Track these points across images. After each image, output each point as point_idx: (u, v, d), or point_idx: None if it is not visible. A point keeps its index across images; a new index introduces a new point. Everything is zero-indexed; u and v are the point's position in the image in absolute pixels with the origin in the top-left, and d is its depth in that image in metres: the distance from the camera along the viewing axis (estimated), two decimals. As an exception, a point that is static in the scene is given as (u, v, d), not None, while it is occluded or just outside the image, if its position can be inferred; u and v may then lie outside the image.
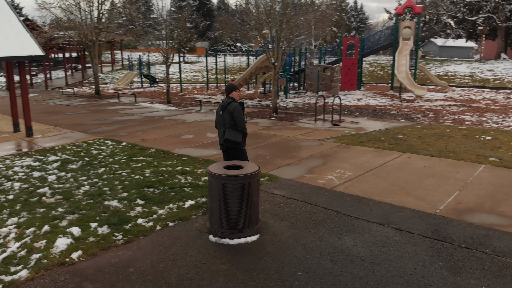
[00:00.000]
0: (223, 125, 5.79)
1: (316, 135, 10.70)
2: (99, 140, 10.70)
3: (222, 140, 5.81)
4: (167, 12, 53.28)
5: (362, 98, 19.70)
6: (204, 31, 76.14)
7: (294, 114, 14.91)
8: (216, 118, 5.95)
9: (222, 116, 5.76)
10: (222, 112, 5.77)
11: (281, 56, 14.05)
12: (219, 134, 5.93)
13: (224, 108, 5.73)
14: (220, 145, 5.95)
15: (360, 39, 22.93)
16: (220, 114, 5.79)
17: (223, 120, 5.76)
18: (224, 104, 5.75)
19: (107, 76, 37.45)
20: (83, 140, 10.73)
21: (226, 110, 5.72)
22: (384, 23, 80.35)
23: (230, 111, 5.67)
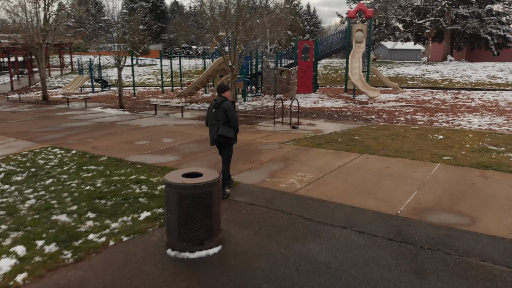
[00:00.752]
0: (216, 122, 6.09)
1: (276, 138, 10.61)
2: (47, 148, 10.01)
3: (216, 136, 6.09)
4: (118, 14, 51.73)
5: (318, 101, 19.94)
6: (158, 34, 74.66)
7: (253, 117, 14.78)
8: (208, 116, 6.28)
9: (215, 113, 6.08)
10: (214, 109, 6.08)
11: (238, 59, 13.88)
12: (211, 131, 6.22)
13: (217, 106, 6.04)
14: (213, 140, 6.22)
15: (314, 42, 23.25)
16: (213, 112, 6.10)
17: (216, 117, 6.08)
18: (217, 102, 6.06)
19: (55, 81, 35.70)
20: (30, 149, 10.00)
21: (219, 108, 6.04)
22: (336, 27, 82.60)
23: (224, 109, 6.01)
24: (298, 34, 47.48)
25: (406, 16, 45.42)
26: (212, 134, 6.20)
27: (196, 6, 44.22)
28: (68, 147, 10.18)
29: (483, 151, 8.84)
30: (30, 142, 11.01)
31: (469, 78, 27.20)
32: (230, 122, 6.07)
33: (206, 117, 6.39)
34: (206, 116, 6.41)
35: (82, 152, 9.49)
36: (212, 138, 6.19)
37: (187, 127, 12.80)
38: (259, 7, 18.50)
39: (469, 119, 13.70)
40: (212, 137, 6.18)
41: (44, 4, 19.55)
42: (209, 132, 6.30)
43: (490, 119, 13.68)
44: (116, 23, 18.98)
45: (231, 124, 6.08)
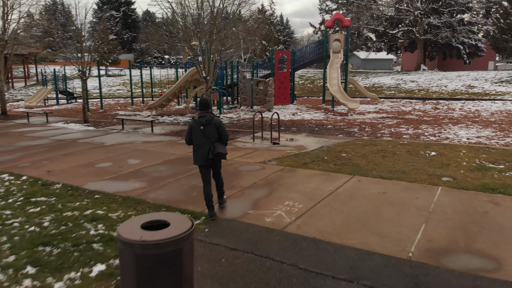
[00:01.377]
0: (207, 140, 5.77)
1: (256, 157, 9.59)
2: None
3: (211, 155, 5.76)
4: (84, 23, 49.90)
5: (296, 113, 19.12)
6: (129, 43, 72.82)
7: (230, 131, 13.73)
8: (195, 134, 5.81)
9: (204, 131, 5.74)
10: (203, 127, 5.74)
11: (212, 70, 12.86)
12: (201, 149, 5.80)
13: (208, 123, 5.74)
14: (208, 159, 5.83)
15: (291, 52, 22.52)
16: (201, 129, 5.74)
17: (205, 135, 5.76)
18: (208, 119, 5.74)
19: (19, 93, 33.63)
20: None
21: (211, 124, 5.76)
22: (309, 37, 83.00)
23: (217, 125, 5.80)
24: (273, 44, 46.96)
25: (379, 26, 45.63)
26: (202, 153, 5.79)
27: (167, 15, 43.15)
28: (19, 171, 8.85)
29: (482, 170, 8.09)
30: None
31: (446, 88, 27.10)
32: (222, 139, 5.90)
33: (189, 135, 5.88)
34: (187, 133, 5.90)
35: (33, 179, 8.19)
36: (207, 157, 5.79)
37: (157, 144, 11.62)
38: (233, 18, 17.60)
39: (455, 131, 13.11)
40: (207, 157, 5.79)
41: (2, 12, 17.99)
42: (197, 151, 5.84)
43: (477, 131, 13.14)
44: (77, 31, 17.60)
45: (223, 141, 5.92)
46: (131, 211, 6.16)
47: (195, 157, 5.91)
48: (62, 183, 7.76)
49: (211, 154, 5.75)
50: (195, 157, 5.91)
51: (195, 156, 5.90)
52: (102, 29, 47.71)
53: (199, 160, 5.87)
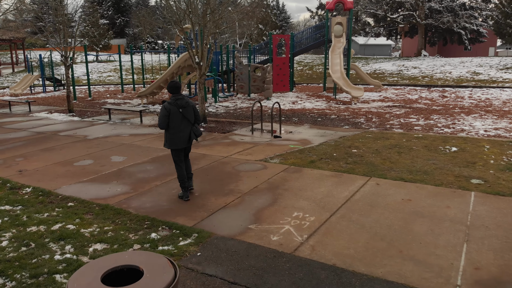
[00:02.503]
0: (188, 123, 5.80)
1: (256, 153, 8.55)
2: (-46, 174, 7.56)
3: (193, 136, 5.88)
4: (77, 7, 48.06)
5: (296, 101, 18.03)
6: (122, 28, 70.86)
7: (227, 122, 12.65)
8: (174, 117, 5.70)
9: (183, 114, 5.71)
10: (182, 109, 5.70)
11: (206, 55, 11.71)
12: (181, 132, 5.77)
13: (186, 105, 5.75)
14: (188, 141, 5.91)
15: (290, 36, 21.30)
16: (180, 112, 5.69)
17: (184, 118, 5.75)
18: (186, 101, 5.77)
19: (5, 80, 32.19)
20: None
21: (188, 106, 5.79)
22: (305, 22, 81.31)
23: (193, 106, 5.87)
24: (270, 28, 45.47)
25: (379, 10, 44.28)
26: (183, 135, 5.80)
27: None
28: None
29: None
30: None
31: (450, 74, 26.05)
32: (197, 120, 5.99)
33: (165, 119, 5.68)
34: (163, 117, 5.67)
35: (2, 180, 7.12)
36: (188, 139, 5.87)
37: (146, 138, 10.53)
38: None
39: (470, 122, 12.11)
40: (188, 138, 5.86)
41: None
42: (176, 134, 5.75)
43: (493, 122, 12.14)
44: (69, 16, 16.31)
45: (198, 122, 6.02)
46: (108, 224, 5.12)
47: (173, 141, 5.77)
48: (33, 187, 6.69)
49: (193, 135, 5.88)
50: (173, 141, 5.78)
51: (174, 140, 5.77)
52: (92, 13, 46.03)
53: (179, 143, 5.80)
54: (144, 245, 4.54)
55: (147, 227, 5.06)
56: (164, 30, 72.22)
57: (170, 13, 15.29)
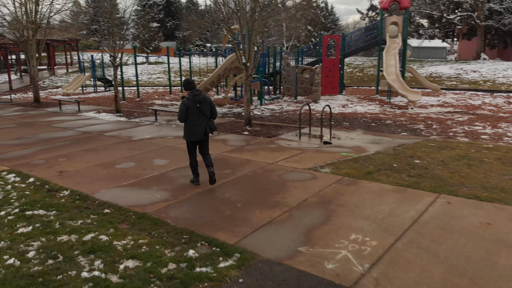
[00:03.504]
0: (204, 117, 6.19)
1: (305, 161, 7.85)
2: (1, 174, 7.47)
3: (208, 130, 6.27)
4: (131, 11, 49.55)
5: (347, 104, 17.09)
6: (172, 31, 72.50)
7: (272, 126, 12.03)
8: (192, 112, 6.12)
9: (200, 109, 6.09)
10: (199, 105, 6.08)
11: (254, 56, 11.17)
12: (197, 126, 6.19)
13: (203, 100, 6.12)
14: (205, 134, 6.29)
15: (341, 37, 20.36)
16: (197, 107, 6.08)
17: (201, 112, 6.14)
18: (203, 97, 6.14)
19: (59, 80, 33.55)
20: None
21: (205, 102, 6.16)
22: (355, 24, 79.23)
23: (209, 102, 6.22)
24: (319, 30, 44.43)
25: (435, 10, 41.97)
26: (199, 129, 6.21)
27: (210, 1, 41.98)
28: (29, 171, 7.64)
29: None
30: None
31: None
32: (213, 114, 6.34)
33: (184, 114, 6.15)
34: (182, 112, 6.15)
35: (41, 182, 6.92)
36: (205, 132, 6.26)
37: (190, 140, 10.14)
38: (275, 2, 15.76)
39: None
40: (205, 132, 6.26)
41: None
42: (194, 127, 6.20)
43: None
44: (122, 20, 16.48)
45: (214, 117, 6.37)
46: (144, 237, 4.65)
47: (190, 133, 6.23)
48: (71, 190, 6.40)
49: (209, 129, 6.28)
50: (190, 134, 6.24)
51: (191, 133, 6.23)
52: (143, 15, 47.24)
53: (195, 135, 6.24)
54: (180, 265, 4.00)
55: (185, 241, 4.53)
56: (212, 33, 73.07)
57: (218, 12, 14.98)
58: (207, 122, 6.23)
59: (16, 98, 22.21)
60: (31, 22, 16.69)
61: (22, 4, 16.45)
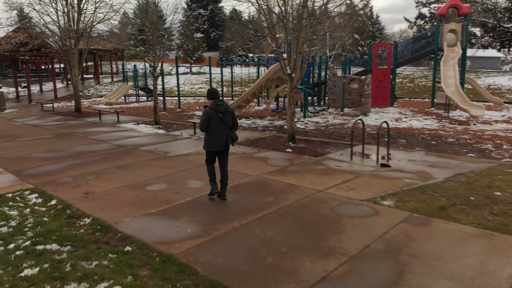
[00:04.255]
0: (226, 127, 6.11)
1: (361, 188, 6.72)
2: (22, 194, 6.90)
3: (229, 141, 6.14)
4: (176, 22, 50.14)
5: (400, 118, 15.67)
6: (215, 41, 73.05)
7: (319, 143, 10.94)
8: (214, 121, 6.01)
9: (222, 119, 6.03)
10: (221, 115, 6.02)
11: (300, 65, 10.18)
12: (218, 136, 6.07)
13: (225, 111, 6.07)
14: (225, 146, 6.13)
15: (393, 45, 18.96)
16: (219, 117, 6.01)
17: (223, 122, 6.07)
18: (226, 107, 6.08)
19: (104, 89, 34.10)
20: (1, 192, 6.97)
21: (228, 112, 6.09)
22: (401, 33, 76.29)
23: (232, 112, 6.19)
24: (366, 38, 42.73)
25: (490, 19, 39.24)
26: (220, 139, 6.10)
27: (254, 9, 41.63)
28: (53, 191, 7.03)
29: None
30: (15, 176, 8.03)
31: None
32: (235, 125, 6.21)
33: (206, 123, 6.06)
34: (204, 121, 6.07)
35: (63, 205, 6.24)
36: (225, 143, 6.12)
37: (231, 157, 9.22)
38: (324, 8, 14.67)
39: None
40: (225, 142, 6.12)
41: (77, 1, 17.05)
42: (214, 137, 6.10)
43: None
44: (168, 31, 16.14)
45: (235, 128, 6.23)
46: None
47: (210, 143, 6.12)
48: (93, 217, 5.65)
49: (230, 140, 6.13)
50: (210, 144, 6.13)
51: (211, 143, 6.11)
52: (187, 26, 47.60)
53: (216, 146, 6.11)
54: None
55: (216, 300, 3.57)
56: (255, 43, 72.90)
57: (262, 19, 14.17)
58: (229, 132, 6.14)
59: (59, 107, 22.45)
60: (73, 31, 16.63)
61: (64, 13, 16.43)
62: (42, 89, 32.39)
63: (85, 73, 46.14)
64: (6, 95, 30.46)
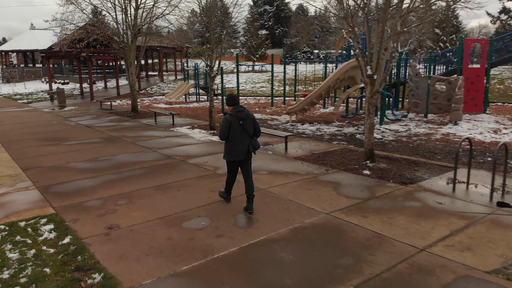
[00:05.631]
0: (247, 135, 5.79)
1: (480, 247, 4.61)
2: (37, 223, 5.67)
3: (251, 149, 5.81)
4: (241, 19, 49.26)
5: (499, 129, 12.88)
6: (280, 38, 71.42)
7: (404, 162, 8.77)
8: (234, 129, 5.72)
9: (243, 126, 5.74)
10: (242, 121, 5.72)
11: (384, 65, 8.10)
12: (240, 144, 5.75)
13: (246, 117, 5.74)
14: (247, 154, 5.82)
15: (489, 41, 15.93)
16: (240, 124, 5.72)
17: (244, 130, 5.76)
18: (246, 113, 5.77)
19: (167, 86, 33.81)
20: (15, 219, 5.81)
21: (248, 119, 5.77)
22: (480, 28, 69.26)
23: (253, 119, 5.83)
24: (449, 34, 38.58)
25: None
26: (242, 147, 5.75)
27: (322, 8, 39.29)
28: (73, 220, 5.74)
29: None
30: (41, 195, 6.91)
31: None
32: (257, 132, 5.90)
33: (227, 131, 5.71)
34: (224, 129, 5.70)
35: (76, 246, 4.87)
36: (247, 151, 5.79)
37: (287, 179, 7.47)
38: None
39: None
40: (247, 151, 5.79)
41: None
42: (236, 146, 5.73)
43: None
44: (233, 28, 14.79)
45: (257, 134, 5.92)
46: None
47: (232, 153, 5.78)
48: (105, 274, 4.18)
49: (252, 148, 5.79)
50: (232, 153, 5.78)
51: (232, 152, 5.77)
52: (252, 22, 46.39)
53: (237, 155, 5.77)
54: None
55: None
56: (320, 40, 70.17)
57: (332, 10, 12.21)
58: (250, 140, 5.82)
59: (118, 105, 22.01)
60: (130, 26, 15.74)
61: (123, 10, 15.58)
62: (107, 86, 32.77)
63: (150, 70, 46.75)
64: (72, 91, 31.20)
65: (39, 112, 19.33)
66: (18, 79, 36.02)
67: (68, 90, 31.38)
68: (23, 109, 21.03)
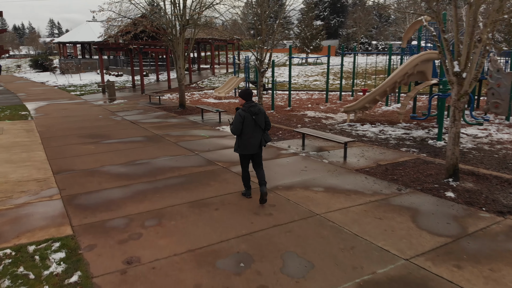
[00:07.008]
0: (260, 129, 5.98)
1: None
2: (48, 248, 4.79)
3: (263, 143, 6.04)
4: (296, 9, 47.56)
5: None
6: (336, 29, 68.76)
7: (496, 180, 7.04)
8: (248, 124, 5.90)
9: (255, 121, 5.90)
10: (254, 116, 5.88)
11: (477, 60, 6.43)
12: (252, 138, 5.94)
13: (258, 112, 5.90)
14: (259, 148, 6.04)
15: None
16: (253, 119, 5.88)
17: (257, 124, 5.93)
18: (258, 108, 5.94)
19: (218, 80, 33.09)
20: (26, 240, 4.97)
21: (260, 113, 5.94)
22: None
23: (264, 113, 6.02)
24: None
25: None
26: (255, 141, 5.97)
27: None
28: (88, 248, 4.80)
29: None
30: (63, 208, 6.10)
31: None
32: (268, 125, 6.08)
33: (240, 126, 5.88)
34: (238, 124, 5.87)
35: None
36: (260, 145, 6.03)
37: (349, 201, 6.09)
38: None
39: None
40: (260, 144, 6.03)
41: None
42: (249, 140, 5.94)
43: None
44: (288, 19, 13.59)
45: (268, 128, 6.11)
46: None
47: (245, 146, 5.95)
48: None
49: (264, 142, 6.04)
50: (245, 147, 5.95)
51: (246, 146, 5.95)
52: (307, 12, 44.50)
53: (250, 149, 5.97)
54: None
55: None
56: (378, 30, 66.57)
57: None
58: (262, 134, 6.02)
59: (168, 99, 21.43)
60: (178, 17, 14.85)
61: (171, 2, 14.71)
62: (159, 79, 32.63)
63: (203, 63, 46.44)
64: (125, 83, 31.33)
65: (88, 105, 19.16)
66: (74, 71, 36.94)
67: (121, 82, 31.58)
68: (73, 101, 21.06)
